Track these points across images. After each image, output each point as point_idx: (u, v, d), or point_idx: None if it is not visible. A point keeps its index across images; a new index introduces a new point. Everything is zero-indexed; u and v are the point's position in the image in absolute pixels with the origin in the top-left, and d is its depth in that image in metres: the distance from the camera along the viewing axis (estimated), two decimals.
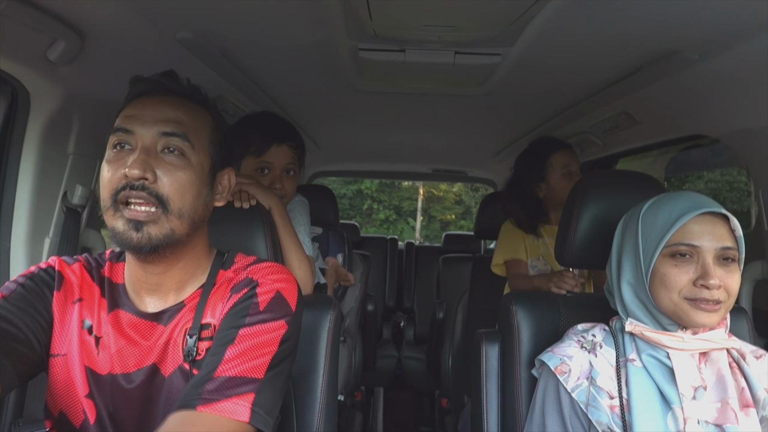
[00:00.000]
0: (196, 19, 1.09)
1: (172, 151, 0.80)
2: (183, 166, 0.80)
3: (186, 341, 0.82)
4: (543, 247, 1.79)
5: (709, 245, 0.87)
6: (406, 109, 1.95)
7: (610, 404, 0.91)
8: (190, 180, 0.81)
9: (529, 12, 0.98)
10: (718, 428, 0.86)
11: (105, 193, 0.78)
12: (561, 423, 0.95)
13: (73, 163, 1.29)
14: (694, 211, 0.88)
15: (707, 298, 0.86)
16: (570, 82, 1.47)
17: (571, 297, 1.23)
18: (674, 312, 0.89)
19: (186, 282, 0.87)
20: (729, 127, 1.32)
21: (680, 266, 0.89)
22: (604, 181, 1.24)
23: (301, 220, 1.46)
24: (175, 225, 0.79)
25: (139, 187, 0.76)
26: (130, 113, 0.82)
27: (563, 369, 0.95)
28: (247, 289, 0.83)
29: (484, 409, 1.18)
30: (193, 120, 0.84)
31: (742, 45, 1.04)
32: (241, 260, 0.92)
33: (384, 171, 3.93)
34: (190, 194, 0.81)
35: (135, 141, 0.79)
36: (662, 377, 0.90)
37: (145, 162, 0.77)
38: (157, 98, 0.83)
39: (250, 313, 0.80)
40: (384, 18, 1.06)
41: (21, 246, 1.21)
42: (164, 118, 0.81)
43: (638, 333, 0.94)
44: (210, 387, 0.72)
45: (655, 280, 0.91)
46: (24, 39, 0.98)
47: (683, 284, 0.88)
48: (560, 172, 1.75)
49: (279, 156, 1.36)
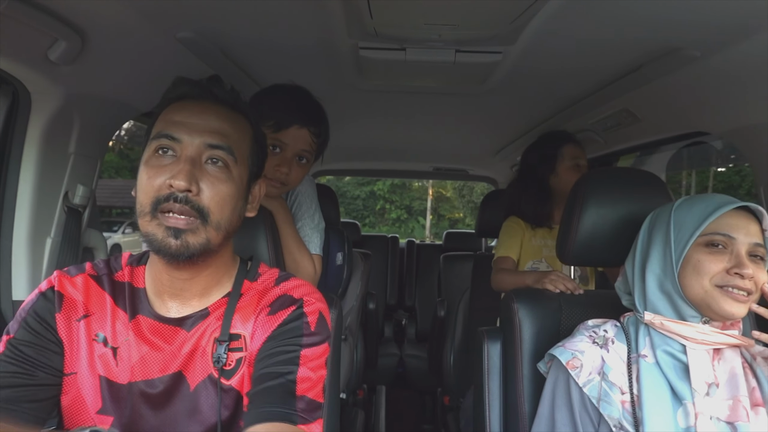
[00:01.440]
0: (197, 19, 1.09)
1: (216, 163, 0.80)
2: (225, 179, 0.81)
3: (215, 348, 0.82)
4: (546, 249, 1.77)
5: (744, 239, 0.89)
6: (407, 107, 1.95)
7: (622, 399, 0.91)
8: (230, 193, 0.81)
9: (530, 10, 0.98)
10: (729, 425, 0.86)
11: (145, 198, 0.78)
12: (570, 417, 0.95)
13: (74, 163, 1.29)
14: (731, 204, 0.90)
15: (740, 286, 0.87)
16: (571, 79, 1.47)
17: (572, 294, 1.23)
18: (703, 299, 0.89)
19: (211, 289, 0.87)
20: (731, 124, 1.32)
21: (714, 254, 0.89)
22: (606, 178, 1.24)
23: (307, 212, 1.36)
24: (212, 236, 0.80)
25: (183, 199, 0.76)
26: (176, 119, 0.80)
27: (575, 364, 0.95)
28: (294, 307, 0.85)
29: (487, 407, 1.19)
30: (236, 132, 0.84)
31: (743, 42, 1.03)
32: (266, 272, 0.92)
33: (385, 170, 3.93)
34: (229, 207, 0.81)
35: (180, 149, 0.79)
36: (674, 373, 0.90)
37: (191, 173, 0.77)
38: (204, 105, 0.83)
39: (305, 333, 0.83)
40: (384, 16, 1.06)
41: (22, 246, 1.21)
42: (211, 128, 0.80)
43: (658, 324, 0.93)
44: (301, 406, 0.77)
45: (687, 268, 0.91)
46: (25, 39, 0.98)
47: (716, 271, 0.89)
48: (569, 164, 1.75)
49: (297, 139, 1.22)
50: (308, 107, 1.27)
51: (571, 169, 1.74)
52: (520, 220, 1.81)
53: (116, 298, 0.86)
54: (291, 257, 1.26)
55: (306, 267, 1.28)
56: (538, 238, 1.79)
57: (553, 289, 1.24)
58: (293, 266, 1.25)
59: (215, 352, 0.82)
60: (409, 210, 16.74)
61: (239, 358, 0.83)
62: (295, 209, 1.37)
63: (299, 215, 1.36)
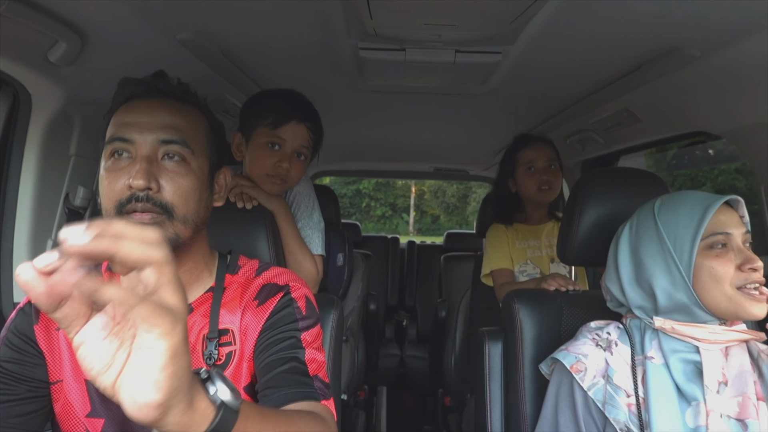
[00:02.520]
0: (197, 20, 1.09)
1: (172, 158, 0.80)
2: (184, 172, 0.80)
3: (206, 345, 0.83)
4: (530, 250, 1.78)
5: (737, 231, 0.89)
6: (407, 108, 1.95)
7: (628, 402, 0.90)
8: (192, 186, 0.80)
9: (529, 10, 0.98)
10: (740, 423, 0.85)
11: (109, 204, 0.78)
12: (574, 421, 0.94)
13: (74, 165, 1.29)
14: (718, 201, 0.88)
15: (756, 280, 0.86)
16: (571, 79, 1.47)
17: (573, 295, 1.23)
18: (728, 307, 0.87)
19: (192, 284, 0.87)
20: (731, 123, 1.32)
21: (722, 256, 0.87)
22: (606, 178, 1.24)
23: (306, 212, 1.38)
24: (180, 230, 0.80)
25: (144, 198, 0.76)
26: (126, 120, 0.80)
27: (579, 367, 0.94)
28: (282, 293, 0.86)
29: (488, 408, 1.19)
30: (189, 124, 0.83)
31: (743, 42, 1.03)
32: (245, 264, 0.93)
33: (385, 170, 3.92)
34: (194, 200, 0.81)
35: (134, 150, 0.78)
36: (683, 374, 0.89)
37: (149, 172, 0.76)
38: (152, 102, 0.82)
39: (298, 317, 0.84)
40: (384, 17, 1.06)
41: (23, 248, 1.21)
42: (162, 124, 0.80)
43: (669, 329, 0.91)
44: (318, 385, 0.80)
45: (700, 277, 0.88)
46: (25, 40, 0.98)
47: (731, 273, 0.87)
48: (523, 168, 1.77)
49: (295, 134, 1.26)
50: (304, 104, 1.30)
51: (525, 174, 1.77)
52: (501, 225, 1.84)
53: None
54: (292, 257, 1.26)
55: (308, 267, 1.27)
56: (521, 240, 1.80)
57: (549, 287, 1.25)
58: (295, 267, 1.25)
59: (206, 350, 0.82)
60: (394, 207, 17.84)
61: (229, 353, 0.84)
62: (294, 209, 1.37)
63: (298, 216, 1.36)
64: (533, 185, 1.75)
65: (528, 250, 1.79)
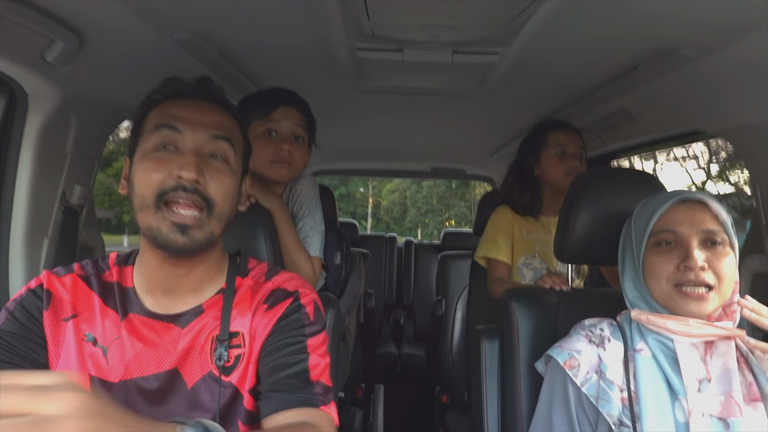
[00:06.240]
0: (194, 20, 1.09)
1: (216, 157, 0.82)
2: (227, 171, 0.83)
3: (215, 346, 0.83)
4: (539, 243, 1.73)
5: (690, 230, 0.90)
6: (405, 108, 1.95)
7: (621, 397, 0.91)
8: (232, 185, 0.83)
9: (526, 11, 0.99)
10: (722, 422, 0.85)
11: (148, 191, 0.78)
12: (567, 417, 0.95)
13: (71, 163, 1.29)
14: (671, 199, 0.93)
15: (692, 280, 0.87)
16: (568, 80, 1.48)
17: (570, 293, 1.24)
18: (665, 302, 0.91)
19: (205, 284, 0.87)
20: (727, 123, 1.32)
21: (664, 254, 0.91)
22: (603, 178, 1.24)
23: (308, 212, 1.36)
24: (215, 228, 0.81)
25: (191, 189, 0.77)
26: (175, 113, 0.81)
27: (572, 363, 0.95)
28: (291, 299, 0.87)
29: (485, 405, 1.19)
30: (232, 127, 0.86)
31: (739, 42, 1.04)
32: (255, 267, 0.93)
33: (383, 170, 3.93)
34: (231, 199, 0.84)
35: (183, 142, 0.80)
36: (669, 366, 0.91)
37: (199, 165, 0.78)
38: (201, 102, 0.84)
39: (306, 323, 0.85)
40: (382, 18, 1.06)
41: (19, 246, 1.21)
42: (212, 122, 0.82)
43: (644, 319, 0.94)
44: (318, 390, 0.81)
45: (646, 272, 0.94)
46: (22, 40, 0.98)
47: (669, 271, 0.90)
48: (553, 151, 1.68)
49: (287, 116, 1.30)
50: (291, 92, 1.35)
51: (554, 157, 1.68)
52: (509, 210, 1.77)
53: (105, 299, 0.86)
54: (289, 257, 1.26)
55: (304, 268, 1.27)
56: (531, 232, 1.75)
57: (544, 285, 1.26)
58: (291, 267, 1.25)
59: (216, 350, 0.82)
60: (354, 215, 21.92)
61: (238, 355, 0.84)
62: (297, 208, 1.37)
63: (300, 214, 1.36)
64: (561, 169, 1.66)
65: (537, 243, 1.73)
